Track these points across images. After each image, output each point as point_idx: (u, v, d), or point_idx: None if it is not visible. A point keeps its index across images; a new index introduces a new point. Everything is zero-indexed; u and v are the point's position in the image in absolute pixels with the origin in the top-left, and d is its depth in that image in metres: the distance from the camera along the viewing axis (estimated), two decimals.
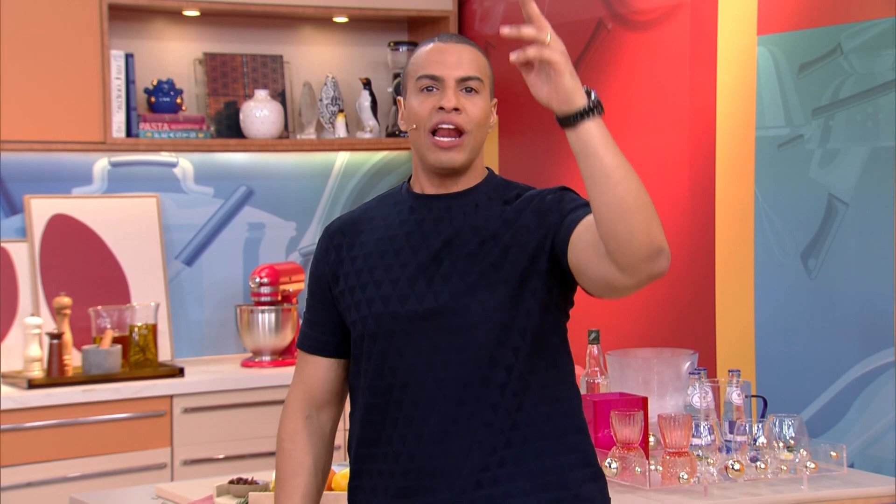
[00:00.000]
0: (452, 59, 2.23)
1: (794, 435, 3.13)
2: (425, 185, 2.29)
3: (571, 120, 1.98)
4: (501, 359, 2.19)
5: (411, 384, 2.20)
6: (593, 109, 1.97)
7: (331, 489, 2.76)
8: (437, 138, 2.22)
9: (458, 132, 2.22)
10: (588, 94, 1.98)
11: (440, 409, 2.19)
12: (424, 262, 2.22)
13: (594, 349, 3.36)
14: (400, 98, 2.32)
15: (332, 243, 2.33)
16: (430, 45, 2.26)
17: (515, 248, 2.21)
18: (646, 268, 2.01)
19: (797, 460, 3.10)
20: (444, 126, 2.21)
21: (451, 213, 2.26)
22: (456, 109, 2.21)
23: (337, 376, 2.35)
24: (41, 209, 4.47)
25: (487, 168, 2.34)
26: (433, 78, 2.23)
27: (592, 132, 1.97)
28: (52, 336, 4.19)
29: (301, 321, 2.39)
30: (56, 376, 4.13)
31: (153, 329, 4.41)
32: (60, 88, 4.26)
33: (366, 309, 2.24)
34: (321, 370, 2.34)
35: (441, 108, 2.21)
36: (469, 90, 2.23)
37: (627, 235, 1.98)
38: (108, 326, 4.35)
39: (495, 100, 2.31)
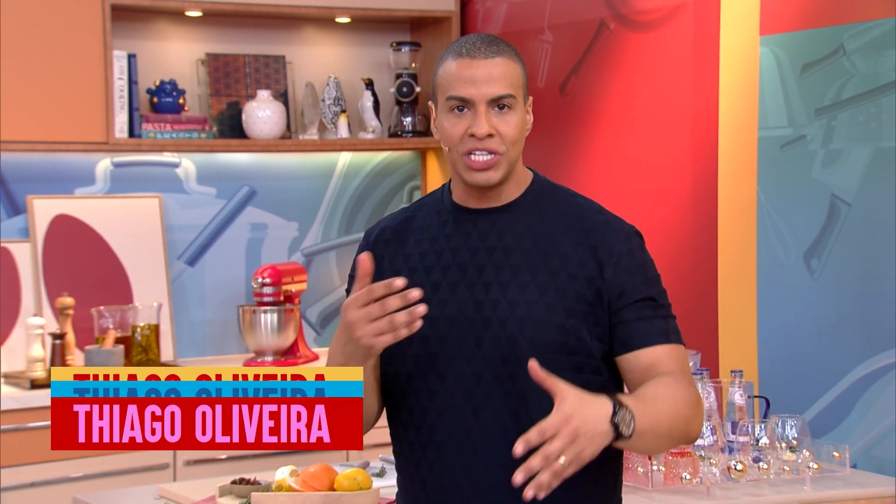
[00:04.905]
0: (482, 76, 2.13)
1: (796, 435, 3.13)
2: (466, 198, 2.23)
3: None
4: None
5: (446, 418, 2.15)
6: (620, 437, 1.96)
7: (332, 489, 2.75)
8: (472, 159, 2.15)
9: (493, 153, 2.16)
10: (616, 425, 1.95)
11: (474, 440, 2.15)
12: (471, 282, 2.17)
13: None
14: (431, 104, 2.23)
15: (374, 251, 2.22)
16: (459, 59, 2.15)
17: (565, 277, 2.15)
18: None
19: (800, 461, 3.10)
20: (478, 153, 2.15)
21: (496, 229, 2.20)
22: (490, 135, 2.14)
23: (376, 378, 2.23)
24: (44, 209, 4.47)
25: (530, 169, 2.27)
26: (463, 100, 2.14)
27: (630, 445, 2.01)
28: (55, 336, 4.19)
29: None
30: None
31: (156, 329, 4.41)
32: (63, 89, 4.26)
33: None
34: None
35: (473, 135, 2.13)
36: (502, 107, 2.15)
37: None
38: (111, 327, 4.35)
39: (531, 98, 2.23)
